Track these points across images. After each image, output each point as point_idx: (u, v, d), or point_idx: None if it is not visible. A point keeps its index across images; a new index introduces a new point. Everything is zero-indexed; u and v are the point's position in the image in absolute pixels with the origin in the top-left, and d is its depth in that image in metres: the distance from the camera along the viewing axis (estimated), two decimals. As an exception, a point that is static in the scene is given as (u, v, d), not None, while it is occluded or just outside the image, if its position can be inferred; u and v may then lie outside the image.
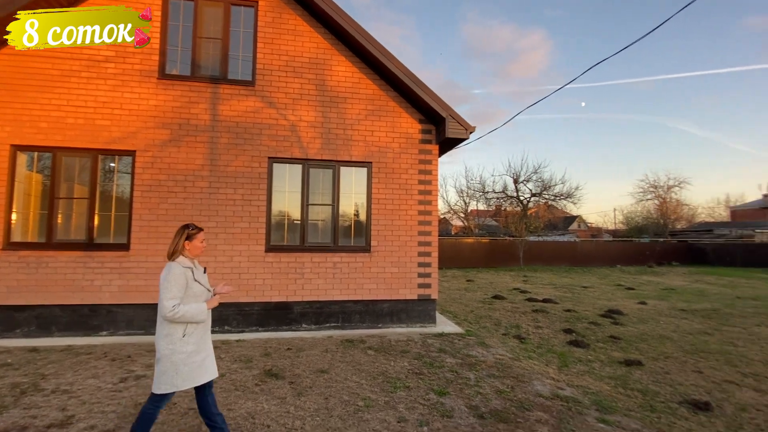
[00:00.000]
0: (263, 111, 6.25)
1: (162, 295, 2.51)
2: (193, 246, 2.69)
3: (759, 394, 4.21)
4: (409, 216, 6.59)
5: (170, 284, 2.51)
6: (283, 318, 6.12)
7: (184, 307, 2.51)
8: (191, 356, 2.54)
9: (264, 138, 6.23)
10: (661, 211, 35.56)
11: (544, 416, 3.46)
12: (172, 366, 2.49)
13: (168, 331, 2.52)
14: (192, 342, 2.56)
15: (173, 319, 2.49)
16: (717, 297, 11.00)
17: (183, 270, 2.59)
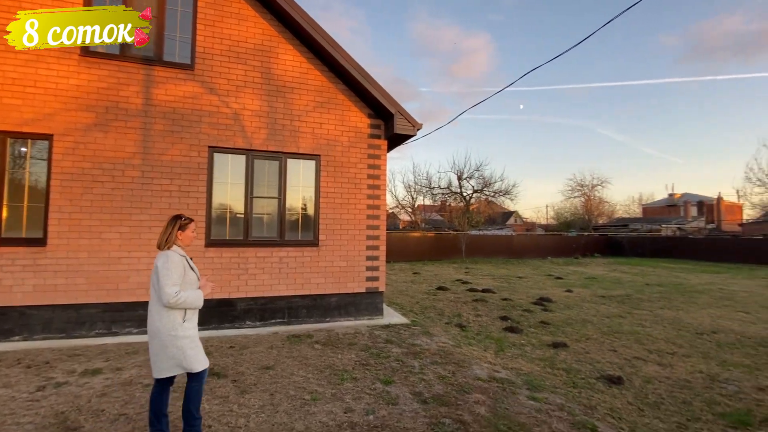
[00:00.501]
0: (203, 97, 5.89)
1: (162, 282, 2.53)
2: (185, 236, 2.78)
3: (661, 368, 4.86)
4: (358, 210, 6.63)
5: (171, 272, 2.56)
6: (226, 315, 5.88)
7: (184, 293, 2.58)
8: (194, 339, 2.67)
9: (204, 126, 5.88)
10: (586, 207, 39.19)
11: (482, 397, 3.72)
12: (180, 351, 2.58)
13: (168, 318, 2.58)
14: (191, 327, 2.69)
15: (176, 305, 2.54)
16: (630, 284, 12.41)
17: (180, 258, 2.66)
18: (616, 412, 3.60)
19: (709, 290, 11.13)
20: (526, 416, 3.37)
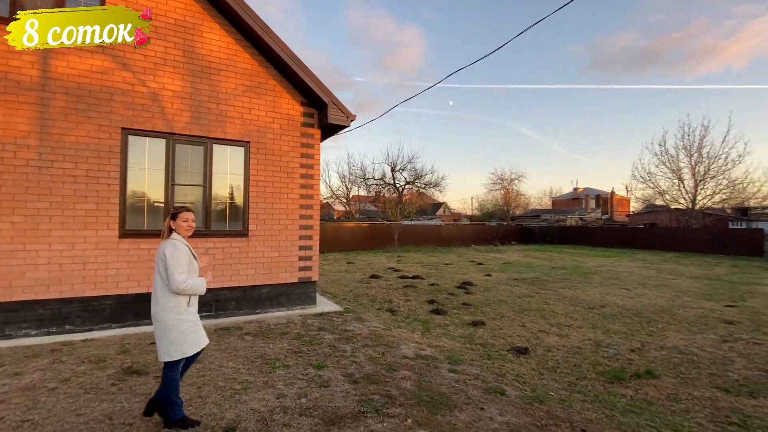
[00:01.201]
0: (115, 73, 5.33)
1: (171, 270, 2.69)
2: (178, 225, 2.87)
3: (559, 338, 5.64)
4: (291, 199, 6.56)
5: (178, 260, 2.73)
6: (145, 311, 5.47)
7: (191, 280, 2.78)
8: (195, 324, 2.87)
9: (116, 105, 5.34)
10: (505, 200, 42.68)
11: (408, 374, 4.03)
12: (182, 334, 2.76)
13: (174, 303, 2.76)
14: (193, 312, 2.89)
15: (183, 291, 2.73)
16: (539, 268, 13.94)
17: (186, 247, 2.83)
18: (522, 377, 4.15)
19: (601, 271, 12.97)
20: (446, 387, 3.74)
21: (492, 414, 3.22)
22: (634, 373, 4.30)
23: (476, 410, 3.28)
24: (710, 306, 7.80)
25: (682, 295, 8.98)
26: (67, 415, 3.02)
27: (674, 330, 6.06)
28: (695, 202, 23.92)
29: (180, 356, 2.78)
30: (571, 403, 3.50)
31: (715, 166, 23.13)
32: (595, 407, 3.45)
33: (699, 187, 23.75)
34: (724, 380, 4.12)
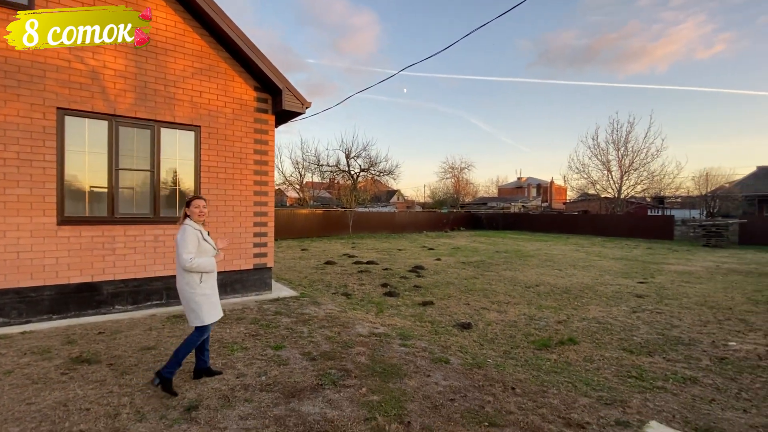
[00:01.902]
0: (49, 48, 4.94)
1: (179, 251, 3.14)
2: (191, 211, 3.30)
3: (499, 314, 6.25)
4: (244, 186, 6.51)
5: (186, 242, 3.15)
6: (89, 301, 5.26)
7: (198, 259, 3.19)
8: (209, 297, 3.30)
9: (50, 83, 4.96)
10: (455, 187, 44.32)
11: (363, 349, 4.34)
12: (197, 305, 3.24)
13: (188, 279, 3.22)
14: (207, 286, 3.30)
15: (190, 269, 3.15)
16: (484, 252, 14.90)
17: (194, 231, 3.22)
18: (464, 348, 4.62)
19: (538, 254, 14.17)
20: (397, 359, 4.10)
21: (437, 379, 3.63)
22: (559, 340, 4.95)
23: (423, 377, 3.67)
24: (626, 283, 8.94)
25: (604, 274, 10.16)
26: (17, 405, 2.96)
27: (595, 304, 6.94)
28: (621, 191, 26.57)
29: (200, 323, 3.26)
30: (504, 368, 4.01)
31: (638, 159, 25.80)
32: (525, 370, 3.98)
33: (624, 178, 26.39)
34: (630, 343, 4.89)
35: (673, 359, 4.37)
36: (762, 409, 3.23)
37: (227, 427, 2.75)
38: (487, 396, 3.33)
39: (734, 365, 4.19)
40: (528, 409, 3.13)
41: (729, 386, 3.68)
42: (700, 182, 29.96)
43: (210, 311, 3.30)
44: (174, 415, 2.89)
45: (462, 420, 2.93)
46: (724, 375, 3.94)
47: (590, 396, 3.40)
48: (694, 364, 4.21)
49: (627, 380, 3.80)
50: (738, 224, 18.64)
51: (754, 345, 4.83)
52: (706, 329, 5.49)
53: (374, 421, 2.87)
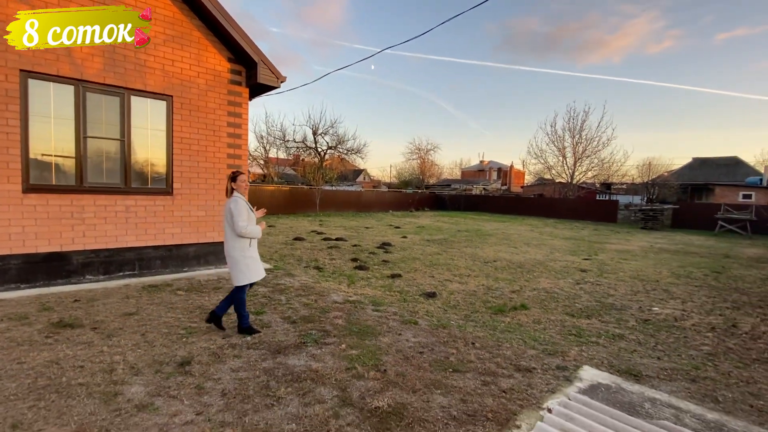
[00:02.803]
0: (10, 5, 4.62)
1: (236, 219, 3.67)
2: (238, 185, 3.85)
3: (460, 285, 6.81)
4: (218, 159, 6.51)
5: (240, 211, 3.70)
6: (58, 270, 5.19)
7: (250, 226, 3.73)
8: (255, 260, 3.86)
9: (10, 42, 4.69)
10: (421, 169, 45.05)
11: (339, 314, 4.70)
12: (246, 267, 3.78)
13: (240, 244, 3.77)
14: (253, 251, 3.86)
15: (245, 234, 3.70)
16: (447, 231, 15.62)
17: (245, 202, 3.79)
18: (430, 312, 5.11)
19: (496, 234, 15.08)
20: (371, 321, 4.50)
21: (408, 337, 4.07)
22: (513, 307, 5.57)
23: (395, 335, 4.10)
24: (572, 259, 9.89)
25: (555, 251, 11.12)
26: (7, 364, 3.05)
27: (545, 277, 7.71)
28: (573, 177, 28.37)
29: (245, 282, 3.80)
30: (465, 328, 4.53)
31: (590, 147, 27.56)
32: (483, 329, 4.53)
33: (577, 164, 28.15)
34: (572, 309, 5.60)
35: (606, 321, 5.11)
36: (672, 357, 3.96)
37: (221, 378, 3.03)
38: (451, 349, 3.82)
39: (654, 325, 4.98)
40: (485, 358, 3.65)
41: (648, 341, 4.42)
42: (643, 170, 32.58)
43: (256, 272, 3.87)
44: (168, 370, 3.12)
45: (430, 368, 3.39)
46: (645, 333, 4.69)
47: (537, 349, 3.99)
48: (623, 325, 4.96)
49: (568, 337, 4.45)
50: (672, 209, 20.68)
51: (672, 310, 5.71)
52: (636, 297, 6.36)
53: (354, 370, 3.26)
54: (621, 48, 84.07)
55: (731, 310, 5.71)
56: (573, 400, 2.94)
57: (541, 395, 3.02)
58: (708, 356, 4.01)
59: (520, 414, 2.75)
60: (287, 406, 2.71)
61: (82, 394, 2.73)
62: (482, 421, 2.65)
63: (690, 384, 3.36)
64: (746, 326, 4.99)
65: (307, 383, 3.02)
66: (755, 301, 6.30)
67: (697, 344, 4.35)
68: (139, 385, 2.88)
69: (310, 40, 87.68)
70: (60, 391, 2.74)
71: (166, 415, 2.54)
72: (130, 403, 2.65)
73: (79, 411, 2.53)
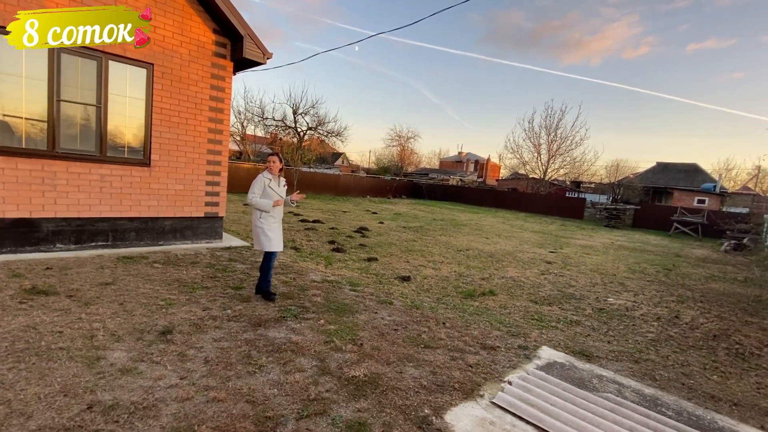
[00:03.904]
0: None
1: (249, 191, 4.25)
2: (268, 167, 4.34)
3: (434, 271, 7.09)
4: (198, 132, 6.39)
5: (254, 185, 4.24)
6: (27, 237, 5.03)
7: (257, 199, 4.22)
8: (265, 231, 4.26)
9: (-22, -7, 4.42)
10: (400, 156, 45.16)
11: (318, 292, 4.85)
12: (255, 235, 4.31)
13: (254, 214, 4.31)
14: (265, 223, 4.27)
15: (250, 204, 4.25)
16: (423, 219, 15.94)
17: (263, 178, 4.25)
18: (405, 294, 5.34)
19: (470, 224, 15.54)
20: (349, 300, 4.68)
21: (383, 316, 4.29)
22: (482, 292, 5.89)
23: (372, 314, 4.30)
24: (539, 251, 10.42)
25: (524, 243, 11.64)
26: (-20, 327, 3.02)
27: (513, 267, 8.13)
28: (546, 173, 29.35)
29: (259, 248, 4.29)
30: (437, 309, 4.80)
31: (564, 145, 28.50)
32: (453, 311, 4.81)
33: (551, 161, 29.11)
34: (536, 297, 5.98)
35: (565, 308, 5.51)
36: (620, 342, 4.37)
37: (203, 347, 3.13)
38: (423, 328, 4.07)
39: (608, 314, 5.43)
40: (455, 337, 3.92)
41: (601, 327, 4.83)
42: (610, 171, 34.09)
43: (264, 242, 4.23)
44: (150, 338, 3.19)
45: (403, 344, 3.62)
46: (599, 320, 5.12)
47: (501, 330, 4.30)
48: (580, 313, 5.38)
49: (530, 321, 4.80)
50: (633, 209, 21.90)
51: (625, 301, 6.21)
52: (594, 289, 6.85)
53: (332, 344, 3.44)
54: (600, 50, 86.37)
55: (676, 303, 6.28)
56: (531, 374, 3.24)
57: (503, 370, 3.31)
58: (651, 342, 4.46)
59: (484, 385, 3.02)
60: (269, 373, 2.86)
61: (63, 357, 2.76)
62: (450, 390, 2.90)
63: (633, 364, 3.76)
64: (687, 318, 5.53)
65: (287, 354, 3.17)
66: (697, 296, 6.93)
67: (644, 331, 4.81)
68: (121, 351, 2.94)
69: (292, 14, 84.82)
70: (40, 355, 2.76)
71: (150, 378, 2.63)
72: (113, 367, 2.72)
73: (61, 373, 2.58)
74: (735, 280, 8.66)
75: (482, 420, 2.56)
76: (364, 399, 2.66)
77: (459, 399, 2.79)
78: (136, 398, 2.41)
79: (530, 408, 2.70)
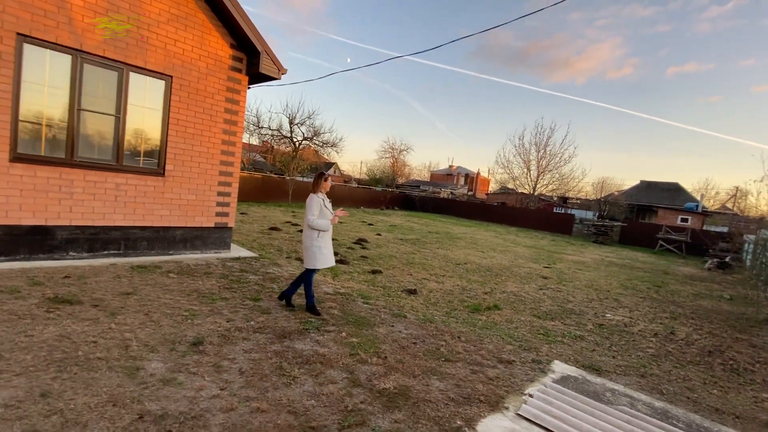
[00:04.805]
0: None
1: (306, 212, 4.38)
2: (324, 186, 4.55)
3: (438, 284, 7.25)
4: (212, 144, 6.48)
5: (312, 206, 4.37)
6: (41, 245, 5.02)
7: (318, 220, 4.38)
8: (322, 249, 4.43)
9: (11, 4, 4.47)
10: (393, 168, 45.58)
11: (333, 304, 4.95)
12: (313, 254, 4.40)
13: (310, 234, 4.42)
14: (323, 241, 4.45)
15: (312, 226, 4.36)
16: (419, 231, 16.15)
17: (319, 199, 4.42)
18: (415, 308, 5.49)
19: (464, 237, 15.81)
20: (365, 313, 4.80)
21: (400, 329, 4.42)
22: (487, 306, 6.07)
23: (389, 327, 4.43)
24: (535, 266, 10.70)
25: (518, 258, 11.93)
26: (16, 336, 3.05)
27: (512, 281, 8.35)
28: (535, 189, 30.05)
29: (311, 266, 4.43)
30: (449, 323, 4.95)
31: (553, 162, 29.30)
32: (464, 325, 4.97)
33: (540, 177, 29.84)
34: (538, 312, 6.19)
35: (568, 324, 5.73)
36: (624, 357, 4.59)
37: (235, 358, 3.21)
38: (440, 342, 4.21)
39: (608, 329, 5.66)
40: (471, 351, 4.07)
41: (604, 342, 5.05)
42: (597, 188, 35.09)
43: (320, 260, 4.42)
44: (182, 348, 3.25)
45: (424, 357, 3.76)
46: (601, 335, 5.35)
47: (513, 344, 4.47)
48: (582, 328, 5.60)
49: (537, 336, 4.99)
50: (620, 227, 22.58)
51: (622, 317, 6.47)
52: (591, 305, 7.10)
53: (358, 356, 3.55)
54: (585, 70, 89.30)
55: (669, 320, 6.57)
56: (549, 387, 3.41)
57: (522, 383, 3.47)
58: (653, 357, 4.69)
59: (507, 398, 3.18)
60: (303, 384, 2.96)
61: (103, 367, 2.82)
62: (477, 402, 3.04)
63: (640, 378, 3.97)
64: (682, 334, 5.80)
65: (317, 366, 3.28)
66: (688, 312, 7.25)
67: (644, 347, 5.05)
68: (157, 361, 3.00)
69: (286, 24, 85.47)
70: (80, 364, 2.81)
71: (192, 389, 2.71)
72: (153, 377, 2.78)
73: (105, 383, 2.63)
74: (721, 298, 9.07)
75: (512, 431, 2.71)
76: (398, 410, 2.79)
77: (486, 411, 2.94)
78: (183, 408, 2.48)
79: (554, 420, 2.86)
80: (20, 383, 2.51)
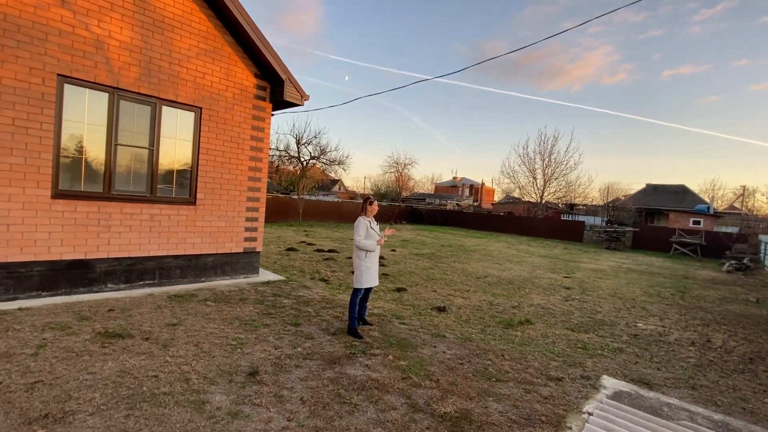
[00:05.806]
0: (51, 9, 4.63)
1: (355, 234, 4.61)
2: (371, 210, 4.78)
3: (464, 300, 7.25)
4: (240, 171, 6.61)
5: (359, 229, 4.60)
6: (81, 278, 5.09)
7: (364, 241, 4.58)
8: (369, 269, 4.64)
9: (52, 47, 4.67)
10: (398, 182, 45.85)
11: (371, 326, 4.96)
12: (360, 273, 4.60)
13: (358, 254, 4.63)
14: (370, 261, 4.65)
15: (359, 247, 4.56)
16: (431, 245, 16.16)
17: (365, 222, 4.67)
18: (450, 327, 5.48)
19: (478, 249, 15.80)
20: (405, 334, 4.81)
21: (443, 349, 4.42)
22: (519, 321, 6.06)
23: (432, 348, 4.43)
24: (554, 277, 10.66)
25: (536, 269, 11.89)
26: (78, 374, 3.09)
27: (535, 293, 8.33)
28: (542, 197, 30.07)
29: (359, 286, 4.59)
30: (487, 341, 4.94)
31: (559, 169, 29.40)
32: (502, 342, 4.96)
33: (546, 186, 29.90)
34: (570, 324, 6.17)
35: (602, 335, 5.70)
36: (668, 368, 4.56)
37: (294, 387, 3.23)
38: (486, 361, 4.21)
39: (644, 340, 5.63)
40: (519, 369, 4.06)
41: (644, 354, 5.02)
42: (603, 193, 35.08)
43: (366, 279, 4.59)
44: (240, 379, 3.27)
45: (475, 377, 3.75)
46: (639, 346, 5.31)
47: (557, 360, 4.46)
48: (618, 339, 5.57)
49: (577, 350, 4.96)
50: (632, 231, 22.49)
51: (654, 326, 6.43)
52: (620, 314, 7.06)
53: (411, 380, 3.56)
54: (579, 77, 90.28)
55: (702, 327, 6.52)
56: (606, 405, 3.40)
57: (577, 401, 3.46)
58: (696, 367, 4.65)
59: (567, 417, 3.17)
60: (365, 412, 2.97)
61: (171, 402, 2.84)
62: (539, 423, 3.03)
63: (692, 391, 3.94)
64: (718, 341, 5.76)
65: (374, 392, 3.28)
66: (719, 318, 7.19)
67: (684, 357, 5.01)
68: (219, 393, 3.03)
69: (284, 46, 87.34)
70: (147, 400, 2.84)
71: (260, 421, 2.73)
72: (220, 411, 2.81)
73: (176, 419, 2.66)
74: (747, 302, 8.98)
75: (582, 452, 2.70)
76: (465, 435, 2.78)
77: (551, 432, 2.93)
78: (257, 442, 2.50)
79: (620, 438, 2.85)
80: (96, 423, 2.54)
